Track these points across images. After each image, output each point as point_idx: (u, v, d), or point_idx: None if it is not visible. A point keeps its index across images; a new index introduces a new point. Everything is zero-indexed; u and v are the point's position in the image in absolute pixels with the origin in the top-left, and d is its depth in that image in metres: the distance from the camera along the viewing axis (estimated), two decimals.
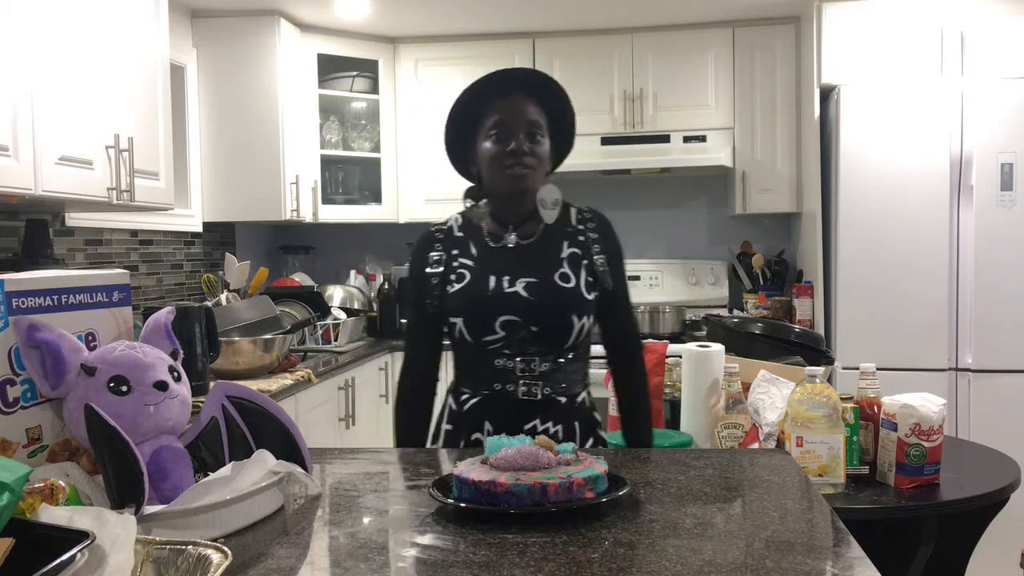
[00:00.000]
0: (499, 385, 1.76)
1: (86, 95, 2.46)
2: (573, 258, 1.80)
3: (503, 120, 1.75)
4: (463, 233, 1.86)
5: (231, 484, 1.09)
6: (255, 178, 3.81)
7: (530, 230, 1.82)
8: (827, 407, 1.84)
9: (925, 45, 3.59)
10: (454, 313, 1.78)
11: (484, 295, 1.76)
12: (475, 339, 1.76)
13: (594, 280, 1.79)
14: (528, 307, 1.74)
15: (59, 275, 1.18)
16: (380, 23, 4.05)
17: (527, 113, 1.76)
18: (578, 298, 1.76)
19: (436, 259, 1.83)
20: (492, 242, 1.82)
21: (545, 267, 1.78)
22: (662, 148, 4.09)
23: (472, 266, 1.80)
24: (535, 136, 1.76)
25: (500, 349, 1.75)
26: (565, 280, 1.77)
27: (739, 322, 2.72)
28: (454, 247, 1.84)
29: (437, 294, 1.80)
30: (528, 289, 1.75)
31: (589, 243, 1.83)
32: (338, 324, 3.80)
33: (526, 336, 1.74)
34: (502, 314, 1.74)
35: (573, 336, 1.76)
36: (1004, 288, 3.39)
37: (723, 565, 0.95)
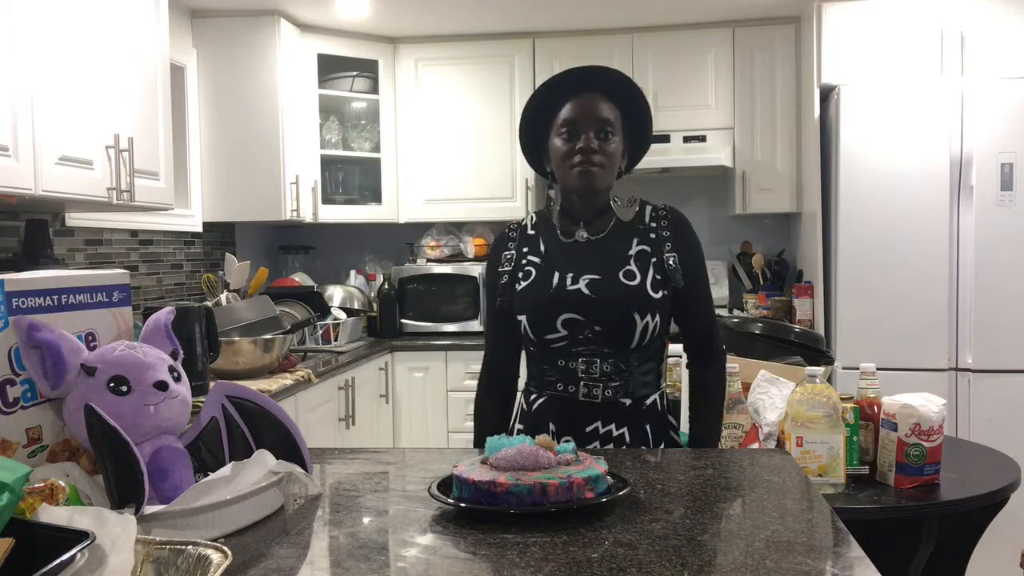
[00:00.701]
0: (562, 386, 1.74)
1: (86, 95, 2.46)
2: (641, 255, 1.76)
3: (573, 118, 1.73)
4: (535, 231, 1.85)
5: (231, 484, 1.09)
6: (255, 178, 3.81)
7: (601, 226, 1.79)
8: (827, 407, 1.84)
9: (925, 45, 3.59)
10: (520, 311, 1.77)
11: (547, 292, 1.74)
12: (538, 338, 1.75)
13: (663, 279, 1.75)
14: (589, 305, 1.71)
15: (59, 275, 1.18)
16: (380, 23, 4.05)
17: (597, 111, 1.73)
18: (642, 296, 1.71)
19: (508, 258, 1.83)
20: (563, 237, 1.80)
21: (610, 264, 1.74)
22: (662, 148, 4.09)
23: (539, 263, 1.79)
24: (606, 134, 1.73)
25: (564, 348, 1.73)
26: (630, 278, 1.73)
27: (739, 322, 2.72)
28: (525, 245, 1.83)
29: (508, 292, 1.80)
30: (590, 286, 1.72)
31: (661, 241, 1.78)
32: (338, 324, 3.80)
33: (589, 335, 1.71)
34: (563, 312, 1.72)
35: (637, 336, 1.71)
36: (1004, 288, 3.39)
37: (723, 565, 0.95)
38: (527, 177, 4.20)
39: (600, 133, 1.72)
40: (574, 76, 1.77)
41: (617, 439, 1.72)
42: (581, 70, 1.78)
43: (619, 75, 1.79)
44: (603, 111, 1.73)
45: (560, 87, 1.77)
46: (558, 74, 1.78)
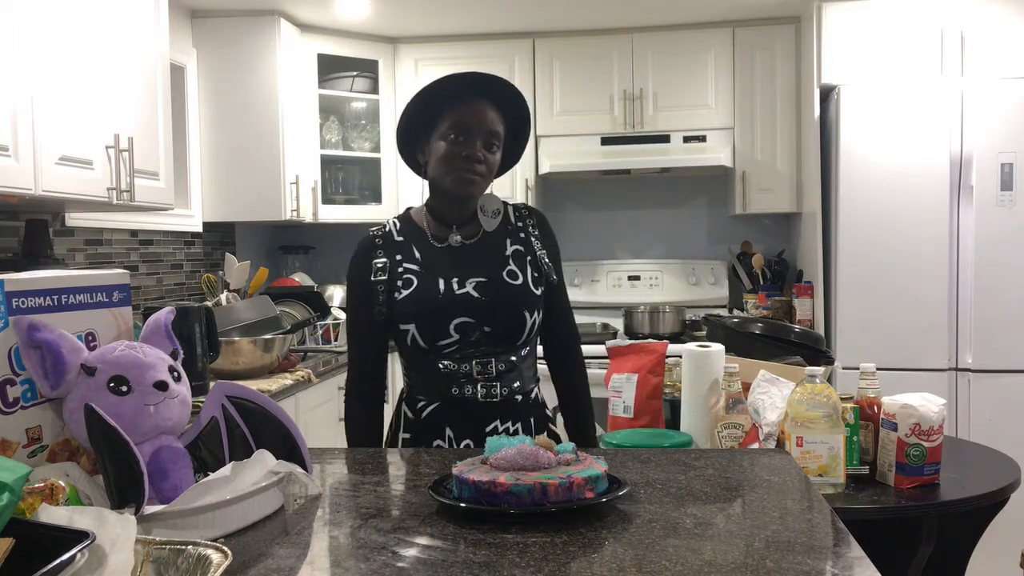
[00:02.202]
0: (457, 390, 1.74)
1: (86, 95, 2.46)
2: (517, 255, 1.81)
3: (464, 122, 1.72)
4: (403, 237, 1.83)
5: (231, 484, 1.09)
6: (255, 178, 3.81)
7: (473, 230, 1.82)
8: (827, 407, 1.84)
9: (925, 45, 3.59)
10: (405, 319, 1.75)
11: (435, 299, 1.74)
12: (429, 344, 1.74)
13: (539, 275, 1.81)
14: (481, 307, 1.73)
15: (59, 275, 1.18)
16: (380, 23, 4.05)
17: (489, 121, 1.74)
18: (528, 294, 1.77)
19: (380, 266, 1.79)
20: (435, 242, 1.81)
21: (492, 266, 1.78)
22: (662, 148, 4.09)
23: (418, 270, 1.77)
24: (492, 145, 1.75)
25: (454, 352, 1.74)
26: (513, 277, 1.77)
27: (739, 322, 2.72)
28: (397, 252, 1.80)
29: (383, 301, 1.77)
30: (479, 289, 1.74)
31: (531, 239, 1.84)
32: (338, 324, 3.80)
33: (480, 337, 1.73)
34: (455, 316, 1.73)
35: (526, 333, 1.77)
36: (1004, 288, 3.39)
37: (723, 565, 0.95)
38: (527, 177, 4.20)
39: (487, 144, 1.74)
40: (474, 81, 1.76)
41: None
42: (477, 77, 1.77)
43: (510, 87, 1.79)
44: (494, 123, 1.75)
45: (457, 88, 1.76)
46: (453, 74, 1.77)
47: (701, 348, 2.16)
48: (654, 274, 4.38)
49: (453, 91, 1.76)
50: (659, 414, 2.25)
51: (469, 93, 1.75)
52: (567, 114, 4.18)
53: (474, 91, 1.76)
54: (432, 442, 1.77)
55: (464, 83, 1.76)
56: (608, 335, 3.98)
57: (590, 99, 4.15)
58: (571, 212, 4.54)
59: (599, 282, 4.41)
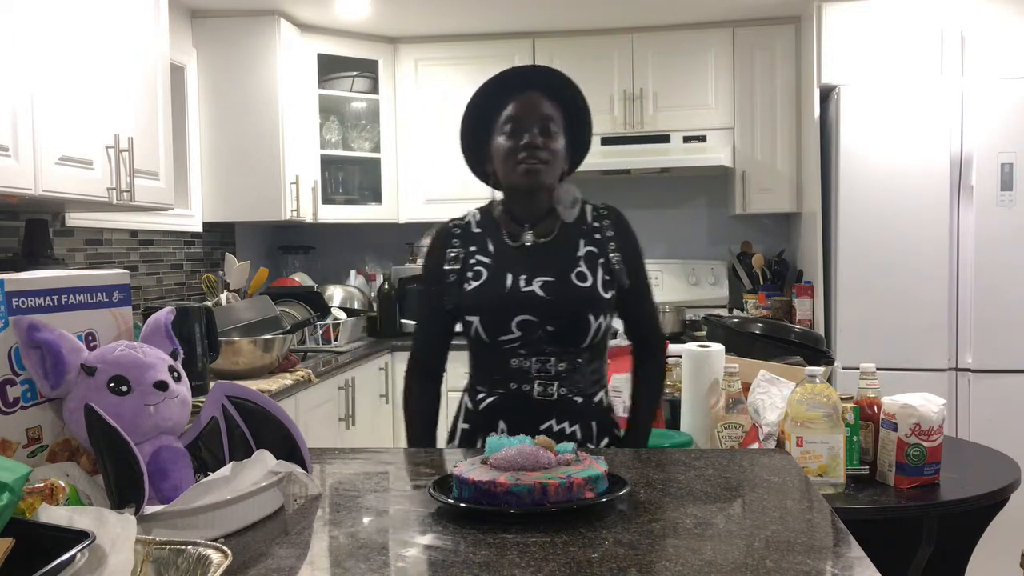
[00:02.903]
0: (515, 385, 1.75)
1: (86, 95, 2.46)
2: (589, 256, 1.78)
3: (516, 115, 1.74)
4: (481, 229, 1.85)
5: (231, 484, 1.09)
6: (255, 178, 3.81)
7: (547, 228, 1.81)
8: (827, 407, 1.84)
9: (925, 45, 3.59)
10: (470, 311, 1.77)
11: (501, 294, 1.75)
12: (491, 338, 1.75)
13: (611, 278, 1.78)
14: (544, 306, 1.73)
15: (59, 275, 1.18)
16: (380, 23, 4.05)
17: (541, 108, 1.74)
18: (595, 297, 1.75)
19: (454, 256, 1.82)
20: (510, 240, 1.81)
21: (562, 266, 1.76)
22: (662, 148, 4.09)
23: (489, 264, 1.79)
24: (549, 130, 1.74)
25: (516, 348, 1.74)
26: (582, 279, 1.75)
27: (739, 322, 2.72)
28: (472, 244, 1.83)
29: (452, 290, 1.79)
30: (544, 288, 1.74)
31: (605, 241, 1.81)
32: (338, 324, 3.80)
33: (542, 336, 1.73)
34: (518, 313, 1.73)
35: (590, 336, 1.74)
36: (1004, 288, 3.39)
37: (723, 565, 0.95)
38: None
39: (544, 130, 1.74)
40: (515, 76, 1.78)
41: (569, 437, 1.74)
42: (522, 69, 1.80)
43: (559, 75, 1.81)
44: (546, 108, 1.75)
45: (501, 88, 1.78)
46: (497, 74, 1.79)
47: (701, 348, 2.16)
48: (654, 274, 4.37)
49: (499, 91, 1.77)
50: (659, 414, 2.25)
51: (517, 89, 1.76)
52: None
53: (520, 85, 1.77)
54: (487, 434, 1.76)
55: (508, 79, 1.78)
56: None
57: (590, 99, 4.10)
58: None
59: None
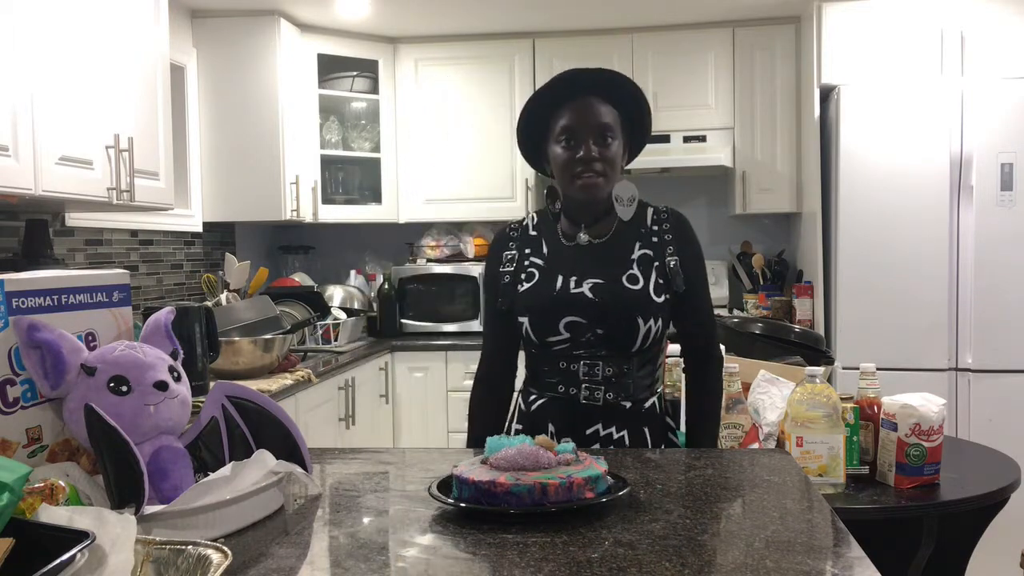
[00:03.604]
0: (563, 388, 1.74)
1: (86, 95, 2.46)
2: (644, 259, 1.75)
3: (572, 125, 1.71)
4: (537, 232, 1.84)
5: (231, 484, 1.09)
6: (255, 178, 3.81)
7: (604, 228, 1.78)
8: (827, 407, 1.84)
9: (925, 45, 3.59)
10: (521, 312, 1.76)
11: (550, 295, 1.73)
12: (540, 340, 1.74)
13: (665, 283, 1.74)
14: (593, 308, 1.70)
15: (59, 275, 1.18)
16: (380, 23, 4.05)
17: (597, 116, 1.71)
18: (645, 300, 1.71)
19: (509, 258, 1.82)
20: (565, 240, 1.80)
21: (614, 268, 1.74)
22: (662, 148, 4.09)
23: (542, 265, 1.78)
24: (605, 139, 1.71)
25: (565, 351, 1.73)
26: (633, 282, 1.72)
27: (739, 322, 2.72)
28: (527, 246, 1.82)
29: (507, 292, 1.79)
30: (594, 290, 1.71)
31: (663, 244, 1.77)
32: (338, 324, 3.80)
33: (591, 338, 1.71)
34: (566, 315, 1.71)
35: (639, 340, 1.71)
36: (1004, 288, 3.39)
37: (723, 565, 0.95)
38: (527, 177, 4.20)
39: (600, 140, 1.70)
40: (571, 79, 1.75)
41: (617, 442, 1.71)
42: (578, 73, 1.75)
43: (616, 75, 1.77)
44: (602, 116, 1.71)
45: (556, 92, 1.75)
46: (555, 78, 1.76)
47: None
48: None
49: (556, 94, 1.74)
50: None
51: (575, 93, 1.73)
52: None
53: (579, 89, 1.73)
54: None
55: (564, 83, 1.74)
56: None
57: None
58: None
59: None
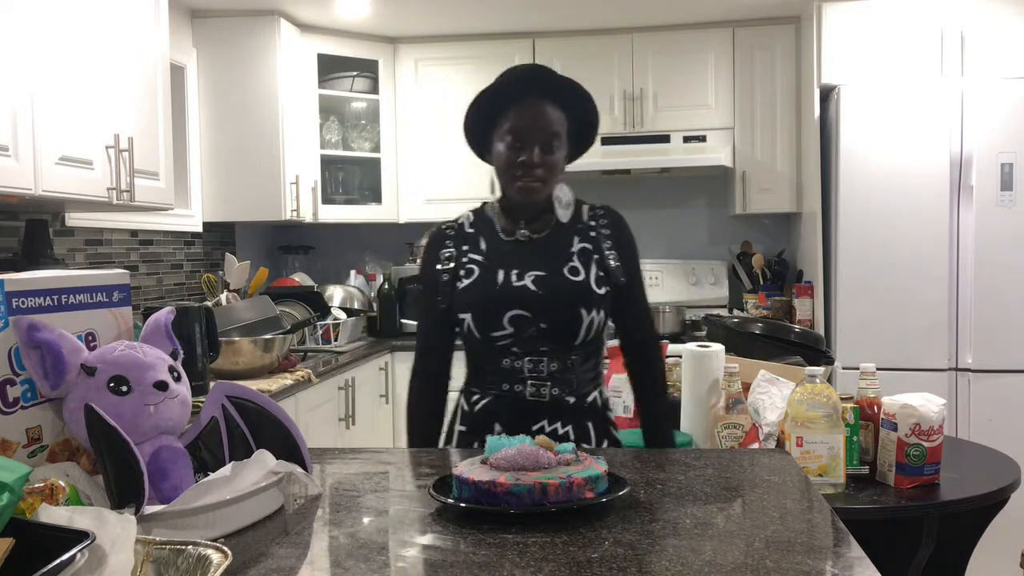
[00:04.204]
0: (507, 386, 1.75)
1: (86, 95, 2.46)
2: (583, 252, 1.78)
3: (519, 128, 1.72)
4: (474, 229, 1.85)
5: (231, 484, 1.09)
6: (255, 178, 3.81)
7: (542, 225, 1.81)
8: (827, 407, 1.84)
9: (925, 45, 3.59)
10: (463, 309, 1.77)
11: (492, 289, 1.74)
12: (483, 335, 1.75)
13: (605, 275, 1.77)
14: (536, 300, 1.72)
15: (59, 275, 1.18)
16: (380, 23, 4.05)
17: (545, 122, 1.72)
18: (587, 291, 1.74)
19: (447, 256, 1.83)
20: (504, 235, 1.81)
21: (554, 260, 1.76)
22: (662, 148, 4.09)
23: (481, 261, 1.79)
24: (551, 145, 1.73)
25: (509, 347, 1.74)
26: (574, 273, 1.75)
27: (739, 322, 2.72)
28: (465, 243, 1.83)
29: (448, 291, 1.79)
30: (536, 282, 1.73)
31: (600, 239, 1.81)
32: (338, 324, 3.80)
33: (535, 333, 1.72)
34: (510, 308, 1.72)
35: (582, 332, 1.74)
36: (1004, 288, 3.39)
37: (723, 565, 0.95)
38: None
39: (546, 146, 1.72)
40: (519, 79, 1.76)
41: (562, 437, 1.73)
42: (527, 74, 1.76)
43: (563, 79, 1.78)
44: (552, 123, 1.73)
45: (506, 89, 1.76)
46: (507, 72, 1.76)
47: (701, 348, 2.16)
48: (654, 274, 4.37)
49: (507, 90, 1.75)
50: None
51: (523, 92, 1.74)
52: None
53: (528, 89, 1.74)
54: (484, 436, 1.75)
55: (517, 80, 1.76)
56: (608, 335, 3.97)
57: None
58: None
59: None
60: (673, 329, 3.98)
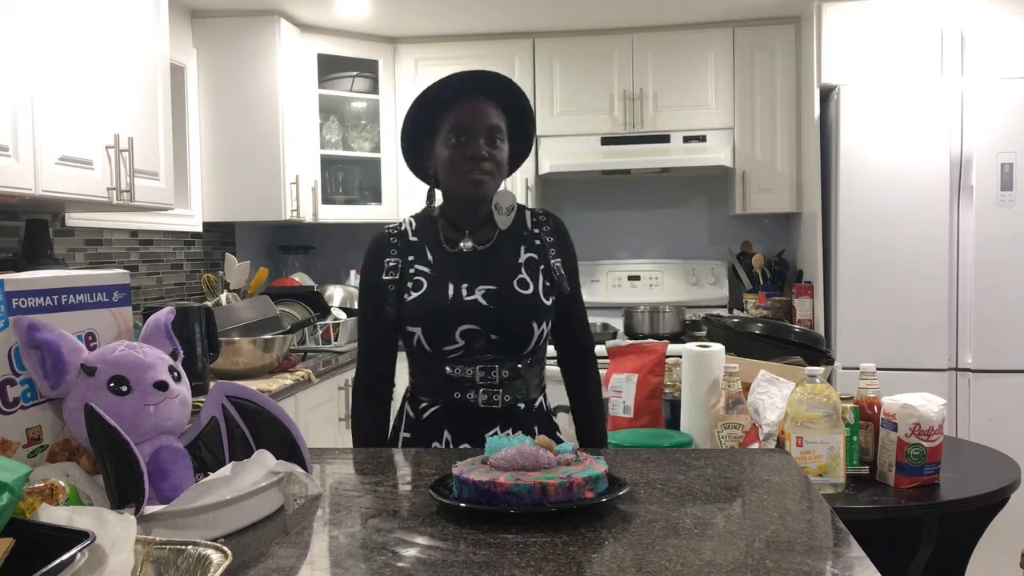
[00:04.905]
0: (459, 394, 1.73)
1: (86, 95, 2.46)
2: (530, 263, 1.78)
3: (462, 124, 1.71)
4: (417, 238, 1.81)
5: (231, 484, 1.09)
6: (255, 178, 3.81)
7: (486, 235, 1.79)
8: (827, 407, 1.84)
9: (925, 45, 3.59)
10: (412, 322, 1.74)
11: (443, 304, 1.72)
12: (434, 348, 1.73)
13: (551, 285, 1.78)
14: (488, 315, 1.71)
15: (59, 275, 1.18)
16: (380, 23, 4.05)
17: (487, 117, 1.72)
18: (537, 304, 1.74)
19: (392, 265, 1.78)
20: (448, 247, 1.78)
21: (503, 274, 1.75)
22: (662, 148, 4.09)
23: (429, 273, 1.76)
24: (495, 141, 1.73)
25: (459, 358, 1.73)
26: (524, 287, 1.74)
27: (739, 322, 2.72)
28: (410, 252, 1.79)
29: (392, 300, 1.76)
30: (487, 297, 1.72)
31: (546, 247, 1.80)
32: (338, 324, 3.80)
33: (485, 344, 1.72)
34: (462, 323, 1.71)
35: (532, 343, 1.74)
36: (1004, 288, 3.39)
37: (723, 565, 0.95)
38: (527, 177, 4.20)
39: (490, 140, 1.72)
40: (458, 81, 1.75)
41: None
42: (466, 75, 1.76)
43: (504, 80, 1.78)
44: (492, 117, 1.73)
45: (444, 93, 1.75)
46: (443, 78, 1.75)
47: (701, 348, 2.16)
48: (654, 274, 4.38)
49: (447, 95, 1.75)
50: (659, 414, 2.25)
51: (463, 94, 1.74)
52: (567, 114, 4.18)
53: (468, 91, 1.75)
54: (431, 443, 1.76)
55: (456, 85, 1.75)
56: (608, 335, 3.98)
57: (590, 99, 4.15)
58: (571, 212, 4.54)
59: (599, 282, 4.41)
60: (673, 329, 3.98)
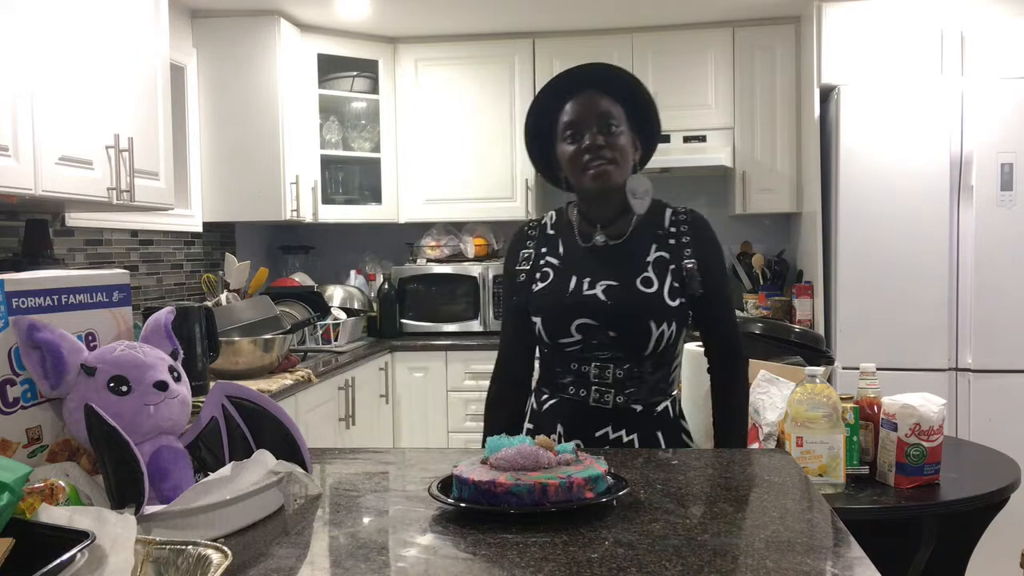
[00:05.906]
0: (573, 389, 1.73)
1: (86, 95, 2.46)
2: (659, 262, 1.72)
3: (574, 118, 1.70)
4: (555, 231, 1.83)
5: (231, 484, 1.09)
6: (255, 178, 3.81)
7: (620, 229, 1.76)
8: (827, 407, 1.84)
9: (925, 45, 3.59)
10: (535, 312, 1.75)
11: (563, 296, 1.72)
12: (552, 340, 1.73)
13: (680, 286, 1.71)
14: (605, 311, 1.69)
15: (59, 275, 1.18)
16: (380, 23, 4.05)
17: (598, 106, 1.70)
18: (659, 304, 1.68)
19: (526, 256, 1.81)
20: (581, 240, 1.78)
21: (628, 270, 1.71)
22: (662, 148, 4.02)
23: (557, 265, 1.77)
24: (610, 128, 1.69)
25: (577, 352, 1.71)
26: (647, 284, 1.70)
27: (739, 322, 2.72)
28: (544, 245, 1.81)
29: (523, 290, 1.79)
30: (607, 292, 1.70)
31: (680, 247, 1.74)
32: (338, 324, 3.80)
33: (604, 341, 1.69)
34: (578, 317, 1.70)
35: (652, 343, 1.68)
36: (1004, 288, 3.39)
37: (723, 565, 0.95)
38: (527, 177, 4.20)
39: (604, 128, 1.69)
40: (571, 77, 1.75)
41: (627, 445, 1.70)
42: (577, 70, 1.75)
43: (617, 70, 1.77)
44: (603, 105, 1.70)
45: (557, 91, 1.75)
46: (554, 77, 1.76)
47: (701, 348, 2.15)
48: None
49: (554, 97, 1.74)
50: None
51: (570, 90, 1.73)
52: None
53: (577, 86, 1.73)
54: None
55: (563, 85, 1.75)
56: None
57: None
58: None
59: None
60: None
